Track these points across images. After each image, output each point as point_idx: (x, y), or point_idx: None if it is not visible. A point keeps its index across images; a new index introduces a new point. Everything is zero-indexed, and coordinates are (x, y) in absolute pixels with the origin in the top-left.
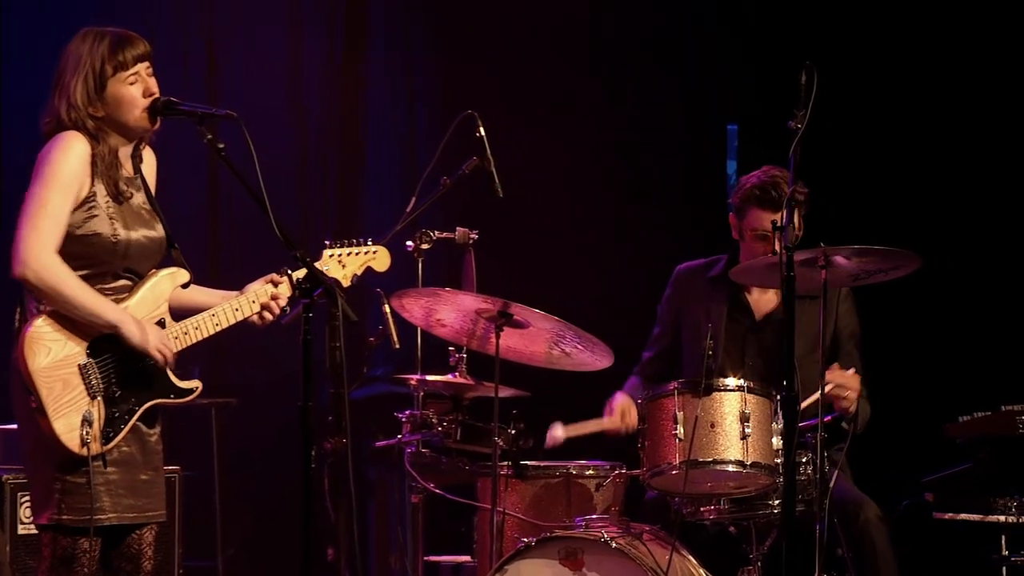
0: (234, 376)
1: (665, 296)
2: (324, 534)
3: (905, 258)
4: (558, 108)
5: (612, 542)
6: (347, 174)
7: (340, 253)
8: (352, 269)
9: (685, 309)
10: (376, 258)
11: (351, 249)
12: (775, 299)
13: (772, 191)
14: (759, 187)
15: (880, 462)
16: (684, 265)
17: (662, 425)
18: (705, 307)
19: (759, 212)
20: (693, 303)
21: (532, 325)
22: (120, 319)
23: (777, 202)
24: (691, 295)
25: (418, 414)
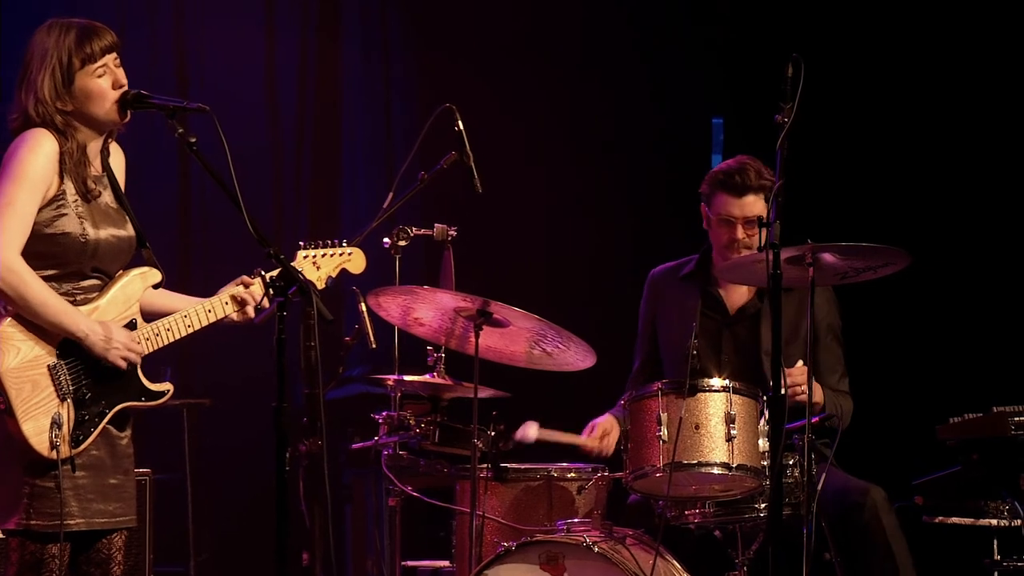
0: (206, 377)
1: (641, 302)
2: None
3: (894, 255)
4: (538, 102)
5: (594, 547)
6: (323, 169)
7: (314, 254)
8: (327, 271)
9: (660, 312)
10: (351, 260)
11: (326, 251)
12: (748, 292)
13: (736, 176)
14: (724, 171)
15: (869, 464)
16: (657, 269)
17: (645, 427)
18: (678, 306)
19: (723, 197)
20: (667, 305)
21: (512, 324)
22: (85, 331)
23: (741, 187)
24: (664, 297)
25: (395, 415)
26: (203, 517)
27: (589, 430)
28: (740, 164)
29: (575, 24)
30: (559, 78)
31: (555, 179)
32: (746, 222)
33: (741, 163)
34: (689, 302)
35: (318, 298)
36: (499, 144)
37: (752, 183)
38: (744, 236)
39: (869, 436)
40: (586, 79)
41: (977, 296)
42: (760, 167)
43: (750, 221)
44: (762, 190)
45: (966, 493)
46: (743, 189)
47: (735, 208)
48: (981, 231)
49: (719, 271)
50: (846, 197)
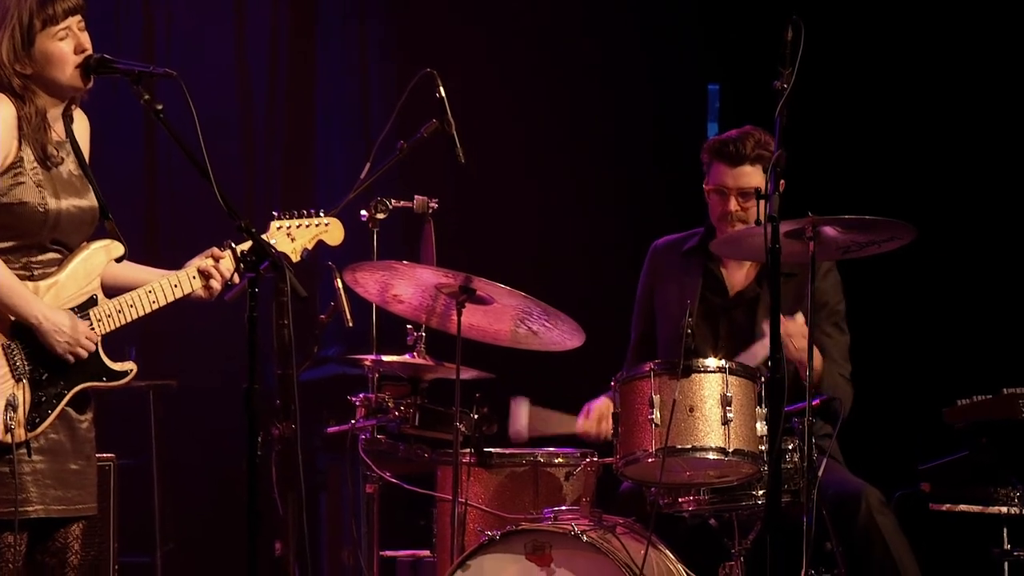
0: (173, 357)
1: (641, 274)
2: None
3: (900, 229)
4: (524, 67)
5: (583, 536)
6: (296, 138)
7: (289, 225)
8: (302, 243)
9: (659, 287)
10: (328, 231)
11: (301, 221)
12: (749, 274)
13: (731, 145)
14: (720, 139)
15: (873, 449)
16: (660, 240)
17: (637, 410)
18: (679, 283)
19: (719, 166)
20: (667, 280)
21: (496, 301)
22: (39, 318)
23: (736, 156)
24: (665, 271)
25: (373, 398)
26: (170, 505)
27: (584, 413)
28: (741, 133)
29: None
30: (547, 42)
31: (542, 149)
32: (740, 193)
33: (742, 132)
34: (690, 279)
35: (292, 273)
36: (483, 112)
37: (748, 152)
38: (737, 208)
39: (873, 420)
40: (575, 43)
41: (986, 272)
42: (763, 137)
43: (745, 193)
44: (760, 161)
45: (974, 479)
46: (738, 158)
47: (728, 178)
48: (991, 203)
49: (714, 246)
50: (849, 167)
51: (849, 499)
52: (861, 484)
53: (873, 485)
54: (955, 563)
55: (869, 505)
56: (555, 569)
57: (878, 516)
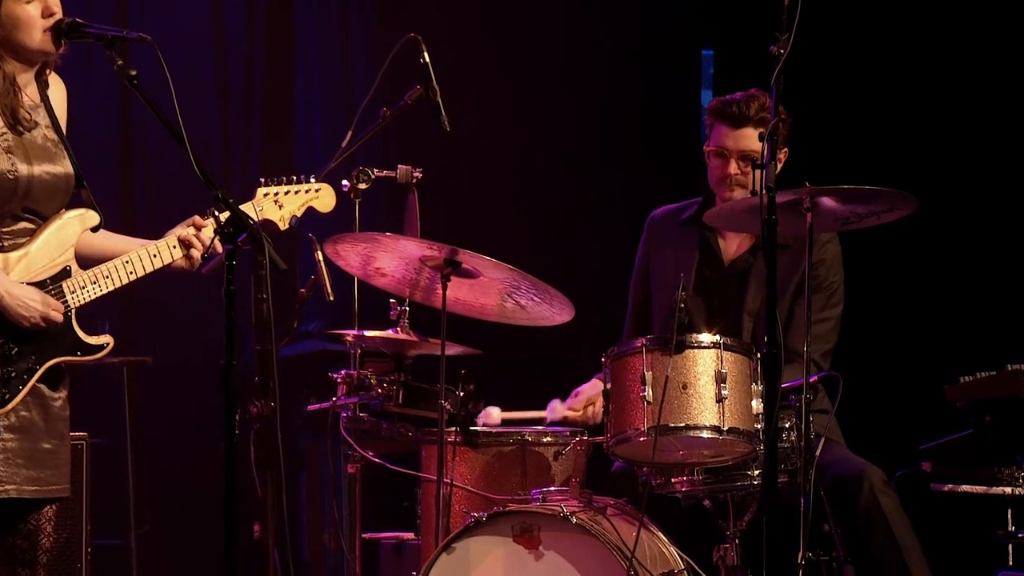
0: (148, 332)
1: (639, 244)
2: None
3: (900, 200)
4: (511, 31)
5: (572, 517)
6: (275, 104)
7: (277, 191)
8: (291, 209)
9: (655, 257)
10: (319, 197)
11: (290, 187)
12: (745, 244)
13: (734, 106)
14: (723, 100)
15: (872, 428)
16: (658, 210)
17: (628, 387)
18: (674, 254)
19: (720, 127)
20: (663, 250)
21: (483, 275)
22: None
23: (738, 117)
24: (661, 242)
25: (355, 374)
26: (145, 485)
27: (573, 397)
28: (745, 95)
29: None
30: (536, 7)
31: (530, 117)
32: (741, 156)
33: (747, 94)
34: (685, 250)
35: (270, 246)
36: (469, 78)
37: (751, 114)
38: (737, 172)
39: (872, 398)
40: (565, 8)
41: (991, 244)
42: (768, 101)
43: (745, 156)
44: (764, 124)
45: (978, 459)
46: (741, 120)
47: (729, 140)
48: (995, 173)
49: (708, 217)
50: (848, 136)
51: (851, 479)
52: (863, 463)
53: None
54: (957, 546)
55: (872, 485)
56: (543, 552)
57: (881, 496)
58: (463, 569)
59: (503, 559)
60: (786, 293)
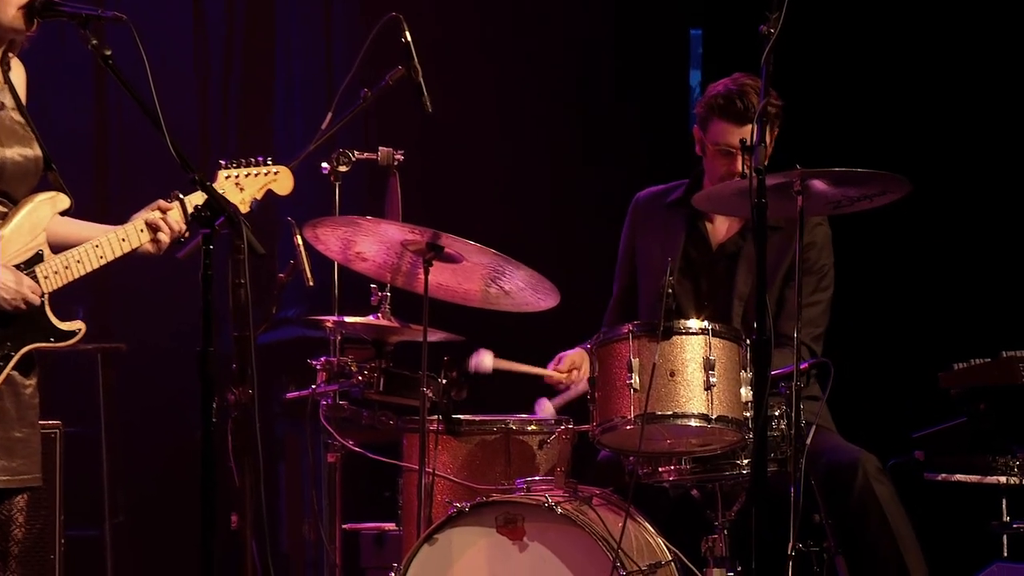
0: (123, 318)
1: (624, 228)
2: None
3: (893, 183)
4: (494, 10)
5: (557, 507)
6: (254, 86)
7: (237, 174)
8: (251, 192)
9: (641, 241)
10: (277, 180)
11: (249, 170)
12: (734, 227)
13: (738, 101)
14: (723, 96)
15: (864, 416)
16: (642, 193)
17: (615, 374)
18: (661, 237)
19: (722, 124)
20: (649, 234)
21: (466, 259)
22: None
23: (743, 114)
24: (647, 225)
25: (335, 361)
26: (119, 475)
27: (556, 362)
28: (740, 87)
29: None
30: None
31: (514, 97)
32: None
33: (741, 85)
34: (673, 233)
35: (248, 229)
36: (451, 58)
37: (755, 109)
38: (746, 168)
39: (864, 385)
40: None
41: (985, 229)
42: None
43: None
44: (764, 115)
45: (972, 447)
46: (744, 116)
47: (734, 137)
48: (990, 156)
49: (697, 201)
50: (839, 117)
51: (845, 466)
52: (858, 451)
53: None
54: (950, 536)
55: (866, 472)
56: (528, 543)
57: (876, 484)
58: (445, 561)
59: (486, 550)
60: (776, 277)
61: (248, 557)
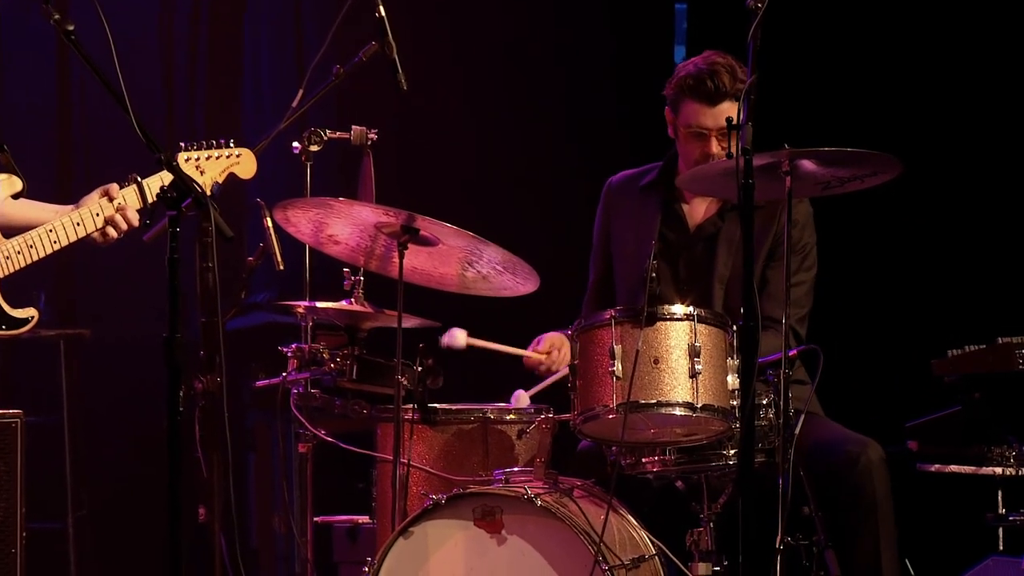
0: (87, 303)
1: (597, 213)
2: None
3: (884, 163)
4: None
5: (537, 500)
6: (221, 62)
7: (198, 157)
8: (212, 175)
9: (615, 226)
10: (240, 163)
11: (211, 152)
12: (712, 208)
13: (709, 80)
14: (694, 76)
15: (855, 404)
16: (615, 177)
17: (596, 361)
18: (636, 221)
19: (694, 105)
20: (623, 218)
21: (442, 242)
22: None
23: (714, 94)
24: (621, 209)
25: (306, 348)
26: (83, 466)
27: (535, 344)
28: (711, 65)
29: None
30: None
31: (492, 75)
32: (721, 133)
33: (711, 63)
34: (648, 216)
35: (216, 212)
36: (427, 34)
37: (727, 88)
38: (720, 150)
39: (855, 372)
40: None
41: (980, 210)
42: (734, 66)
43: (726, 132)
44: (738, 94)
45: (966, 437)
46: (717, 96)
47: (707, 118)
48: (984, 135)
49: (679, 181)
50: (829, 95)
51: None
52: (865, 438)
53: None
54: (944, 529)
55: (870, 461)
56: (506, 536)
57: (876, 475)
58: (421, 554)
59: (463, 544)
60: (758, 257)
61: (216, 551)
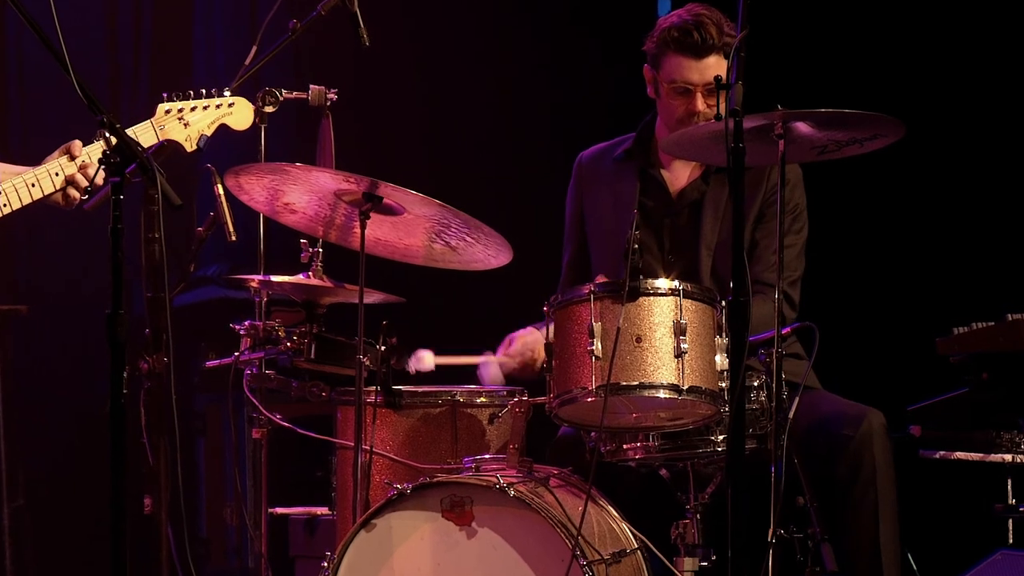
0: (23, 277)
1: (568, 190)
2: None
3: (886, 125)
4: None
5: (510, 489)
6: (169, 16)
7: (182, 107)
8: (199, 128)
9: (590, 201)
10: (233, 113)
11: (197, 102)
12: (695, 173)
13: (695, 32)
14: (678, 27)
15: (853, 386)
16: (586, 151)
17: (574, 339)
18: (612, 193)
19: (678, 59)
20: (598, 192)
21: (407, 211)
22: None
23: (700, 47)
24: (595, 183)
25: (260, 326)
26: (19, 453)
27: (506, 344)
28: (696, 17)
29: None
30: None
31: (462, 31)
32: (707, 90)
33: (697, 16)
34: (626, 187)
35: (163, 178)
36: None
37: (714, 40)
38: (706, 107)
39: (854, 351)
40: None
41: (988, 178)
42: (721, 19)
43: (712, 89)
44: (726, 49)
45: (974, 422)
46: (703, 49)
47: (693, 73)
48: (993, 96)
49: (664, 145)
50: (825, 52)
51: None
52: (866, 407)
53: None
54: (949, 521)
55: (870, 428)
56: (476, 529)
57: (876, 441)
58: (384, 548)
59: (430, 537)
60: (747, 222)
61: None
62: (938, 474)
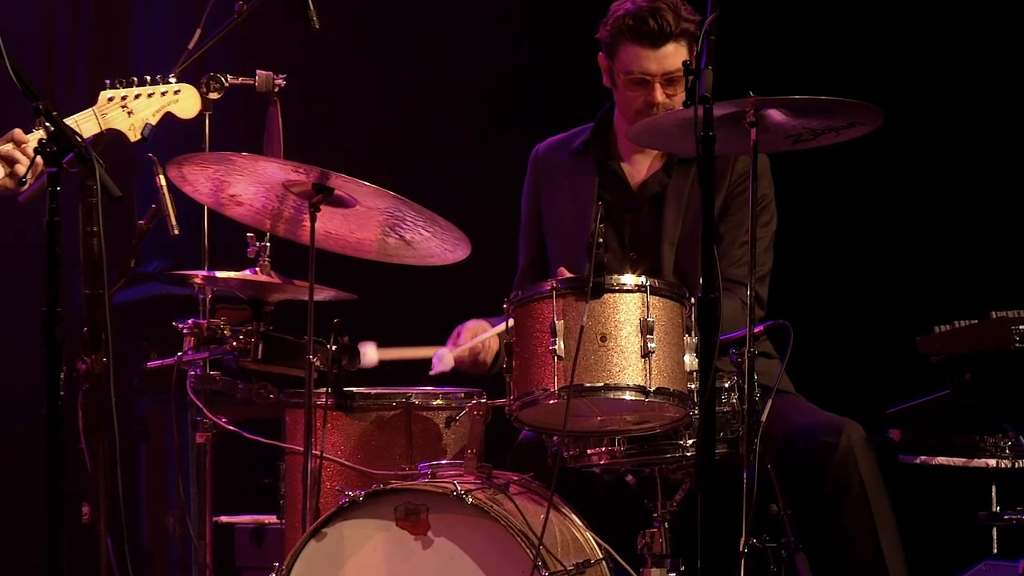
0: None
1: (524, 187)
2: (77, 486)
3: (863, 112)
4: None
5: (467, 496)
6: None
7: (125, 95)
8: (144, 116)
9: (547, 197)
10: (179, 100)
11: (141, 90)
12: (656, 164)
13: (651, 20)
14: (634, 15)
15: (829, 387)
16: (542, 144)
17: (535, 339)
18: (570, 187)
19: (634, 49)
20: (555, 187)
21: (360, 203)
22: None
23: (657, 35)
24: (552, 178)
25: (204, 324)
26: None
27: (454, 337)
28: (651, 3)
29: None
30: None
31: (417, 15)
32: (666, 79)
33: (652, 2)
34: (584, 181)
35: (102, 168)
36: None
37: (671, 27)
38: (665, 98)
39: (830, 351)
40: None
41: (971, 168)
42: (677, 3)
43: (671, 78)
44: (685, 36)
45: (956, 425)
46: (660, 37)
47: (651, 62)
48: (975, 82)
49: (629, 134)
50: (800, 36)
51: (824, 436)
52: (841, 419)
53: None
54: (931, 529)
55: (851, 442)
56: (432, 538)
57: (859, 454)
58: (336, 559)
59: (383, 546)
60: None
61: (102, 555)
62: (919, 480)
